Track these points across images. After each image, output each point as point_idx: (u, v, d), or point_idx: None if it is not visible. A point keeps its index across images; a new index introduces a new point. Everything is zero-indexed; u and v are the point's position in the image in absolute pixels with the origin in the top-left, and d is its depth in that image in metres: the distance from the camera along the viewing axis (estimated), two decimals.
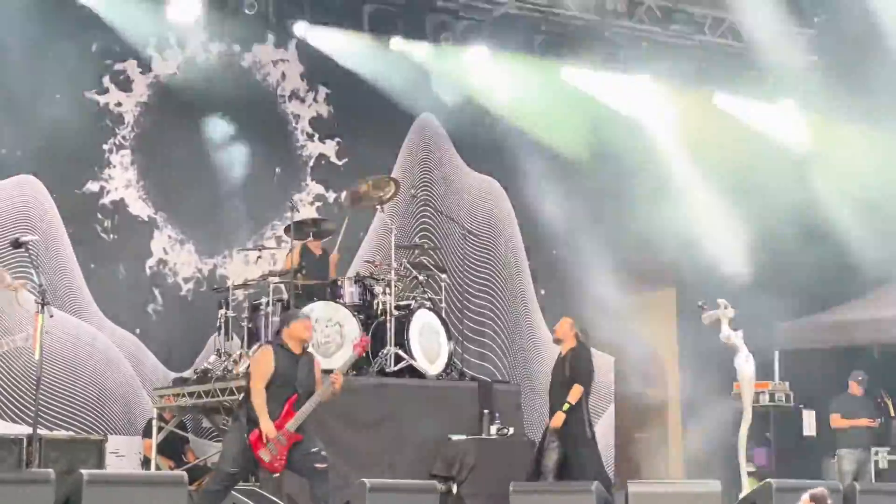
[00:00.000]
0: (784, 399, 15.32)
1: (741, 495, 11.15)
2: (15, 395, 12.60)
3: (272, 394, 9.31)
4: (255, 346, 11.99)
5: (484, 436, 12.02)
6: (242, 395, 9.73)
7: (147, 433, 12.65)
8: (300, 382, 9.44)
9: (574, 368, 11.76)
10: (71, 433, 12.57)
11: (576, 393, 11.61)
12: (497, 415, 12.20)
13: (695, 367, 14.96)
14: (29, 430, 11.30)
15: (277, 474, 9.56)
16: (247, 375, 10.01)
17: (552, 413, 11.77)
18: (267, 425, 9.19)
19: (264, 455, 9.26)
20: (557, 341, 12.09)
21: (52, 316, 8.79)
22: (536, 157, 15.47)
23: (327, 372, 11.57)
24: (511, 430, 12.12)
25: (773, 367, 14.96)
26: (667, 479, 10.77)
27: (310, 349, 9.80)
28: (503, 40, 15.08)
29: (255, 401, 9.25)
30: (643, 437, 15.07)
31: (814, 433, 15.58)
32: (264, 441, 9.21)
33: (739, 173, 15.14)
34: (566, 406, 11.56)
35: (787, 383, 15.52)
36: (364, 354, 10.00)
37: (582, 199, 15.48)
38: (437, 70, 15.12)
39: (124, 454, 12.88)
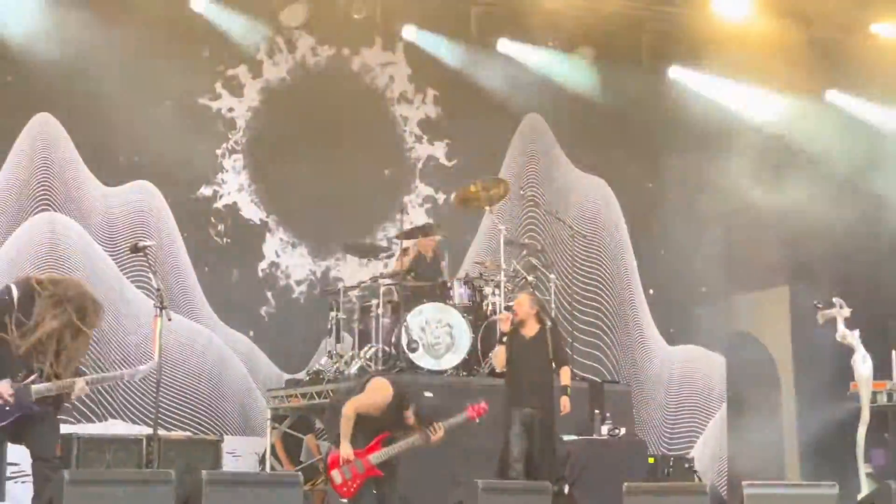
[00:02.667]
0: None
1: (859, 497, 10.97)
2: (134, 396, 12.85)
3: (366, 424, 9.23)
4: (365, 347, 12.09)
5: (595, 436, 11.97)
6: (330, 410, 9.73)
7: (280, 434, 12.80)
8: (398, 432, 9.33)
9: (561, 349, 11.16)
10: (188, 434, 12.82)
11: (570, 376, 11.18)
12: (608, 415, 12.15)
13: (809, 367, 14.76)
14: (148, 430, 11.59)
15: (345, 500, 9.44)
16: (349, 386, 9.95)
17: (536, 395, 10.88)
18: (346, 449, 9.09)
19: (336, 476, 9.17)
20: (519, 323, 10.97)
21: (170, 320, 8.93)
22: (643, 155, 15.39)
23: (438, 373, 11.70)
24: (622, 431, 12.05)
25: (890, 366, 14.63)
26: (782, 481, 10.61)
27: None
28: (610, 40, 15.03)
29: (343, 426, 9.13)
30: (756, 438, 14.87)
31: None
32: (341, 462, 9.17)
33: (855, 167, 14.90)
34: (568, 391, 10.98)
35: None
36: (476, 420, 9.83)
37: (690, 196, 15.36)
38: (544, 70, 15.12)
39: (240, 454, 13.08)
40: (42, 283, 8.12)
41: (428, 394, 9.46)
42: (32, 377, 8.06)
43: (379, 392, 9.29)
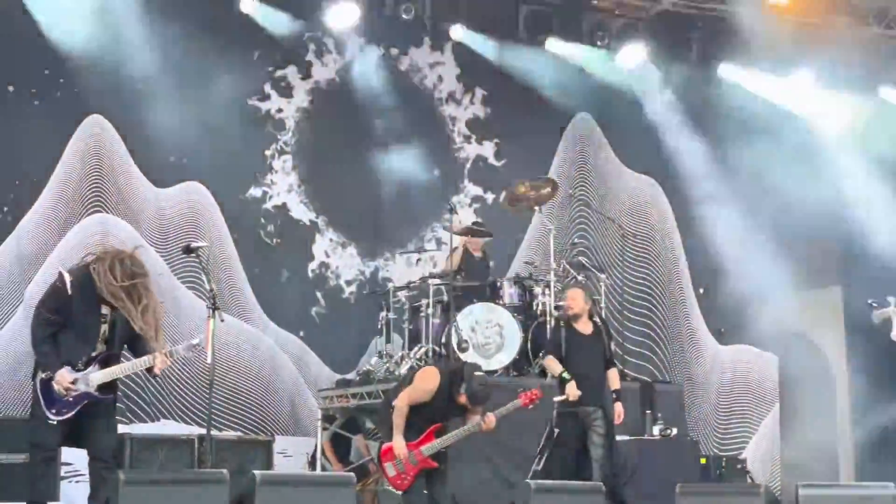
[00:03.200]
0: None
1: None
2: (186, 396, 12.91)
3: (418, 415, 9.19)
4: (415, 348, 12.09)
5: (647, 436, 11.90)
6: (384, 400, 9.72)
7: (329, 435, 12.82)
8: (450, 422, 9.30)
9: (610, 349, 10.86)
10: (240, 434, 12.86)
11: (618, 379, 10.89)
12: (659, 415, 12.08)
13: (864, 366, 14.62)
14: (199, 430, 11.63)
15: (401, 492, 9.43)
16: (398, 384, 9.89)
17: (597, 394, 10.56)
18: (399, 442, 9.08)
19: (390, 469, 9.16)
20: (574, 317, 10.73)
21: (223, 321, 8.95)
22: (693, 155, 15.31)
23: (490, 373, 11.66)
24: (674, 431, 11.97)
25: None
26: (837, 482, 10.49)
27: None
28: (660, 38, 14.96)
29: (396, 419, 9.12)
30: (810, 439, 14.75)
31: None
32: (394, 455, 9.16)
33: None
34: (620, 395, 10.71)
35: None
36: (529, 406, 9.77)
37: (741, 194, 15.26)
38: (593, 69, 15.06)
39: (291, 455, 13.11)
40: (98, 259, 8.18)
41: (479, 372, 9.37)
42: (93, 364, 8.12)
43: (428, 379, 9.27)
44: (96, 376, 8.11)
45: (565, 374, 10.47)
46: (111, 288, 8.06)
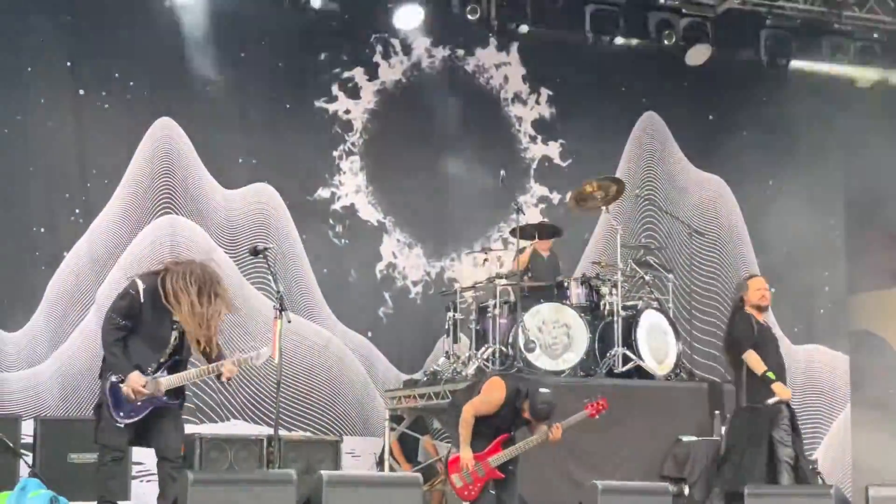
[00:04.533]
0: None
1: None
2: (255, 396, 13.01)
3: (485, 425, 9.24)
4: (482, 348, 12.09)
5: (715, 437, 11.82)
6: (451, 401, 9.71)
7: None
8: (517, 432, 9.34)
9: None
10: (308, 434, 12.94)
11: None
12: (728, 416, 11.99)
13: None
14: (268, 430, 11.73)
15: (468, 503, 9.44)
16: (468, 390, 9.90)
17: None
18: (466, 453, 9.12)
19: (457, 480, 9.20)
20: (763, 308, 10.86)
21: (290, 321, 9.02)
22: (763, 154, 15.19)
23: (555, 374, 11.65)
24: None
25: None
26: None
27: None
28: (727, 36, 14.85)
29: (462, 430, 9.18)
30: (882, 440, 14.57)
31: None
32: (460, 467, 9.17)
33: None
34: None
35: None
36: (596, 416, 9.78)
37: (810, 192, 15.12)
38: (659, 68, 14.98)
39: (359, 455, 13.17)
40: (167, 269, 8.29)
41: (544, 389, 9.39)
42: (162, 370, 8.23)
43: (494, 391, 9.30)
44: (165, 381, 8.22)
45: (770, 374, 10.35)
46: (177, 296, 8.16)
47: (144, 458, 10.32)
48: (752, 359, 10.53)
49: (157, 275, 8.31)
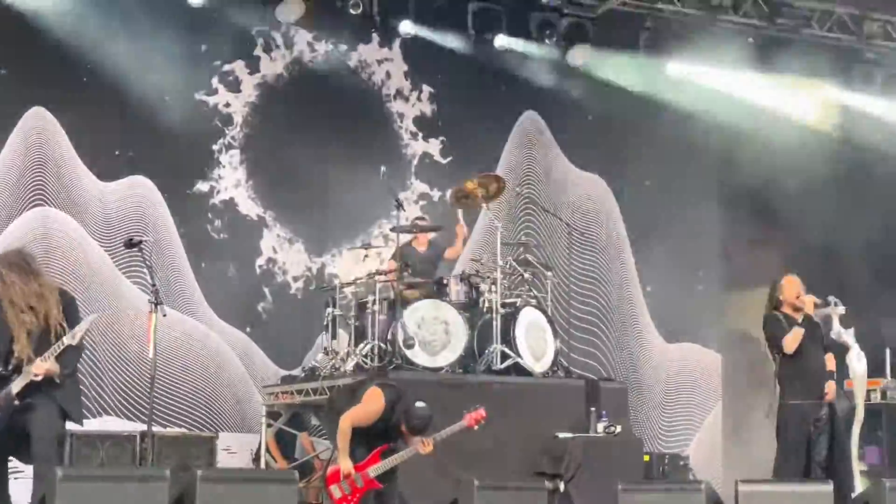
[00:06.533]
0: None
1: (853, 495, 10.94)
2: (128, 392, 12.84)
3: (364, 436, 9.18)
4: (361, 344, 12.04)
5: (591, 434, 11.94)
6: (327, 409, 9.66)
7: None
8: (396, 443, 9.29)
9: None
10: (183, 430, 12.80)
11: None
12: (604, 412, 12.12)
13: None
14: (142, 427, 11.57)
15: None
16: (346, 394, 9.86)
17: (825, 385, 10.40)
18: (346, 463, 9.05)
19: (335, 491, 9.11)
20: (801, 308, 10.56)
21: (164, 315, 8.91)
22: (641, 153, 15.39)
23: (433, 370, 11.67)
24: (619, 429, 12.01)
25: (885, 364, 14.62)
26: (776, 479, 10.58)
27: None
28: (607, 37, 15.02)
29: (340, 441, 9.10)
30: (751, 437, 14.85)
31: None
32: (340, 477, 9.13)
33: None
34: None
35: None
36: (475, 427, 9.77)
37: (687, 192, 15.36)
38: (541, 68, 15.10)
39: (236, 451, 13.06)
40: None
41: (420, 403, 9.38)
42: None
43: (372, 402, 9.25)
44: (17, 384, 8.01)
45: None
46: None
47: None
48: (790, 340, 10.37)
49: None
